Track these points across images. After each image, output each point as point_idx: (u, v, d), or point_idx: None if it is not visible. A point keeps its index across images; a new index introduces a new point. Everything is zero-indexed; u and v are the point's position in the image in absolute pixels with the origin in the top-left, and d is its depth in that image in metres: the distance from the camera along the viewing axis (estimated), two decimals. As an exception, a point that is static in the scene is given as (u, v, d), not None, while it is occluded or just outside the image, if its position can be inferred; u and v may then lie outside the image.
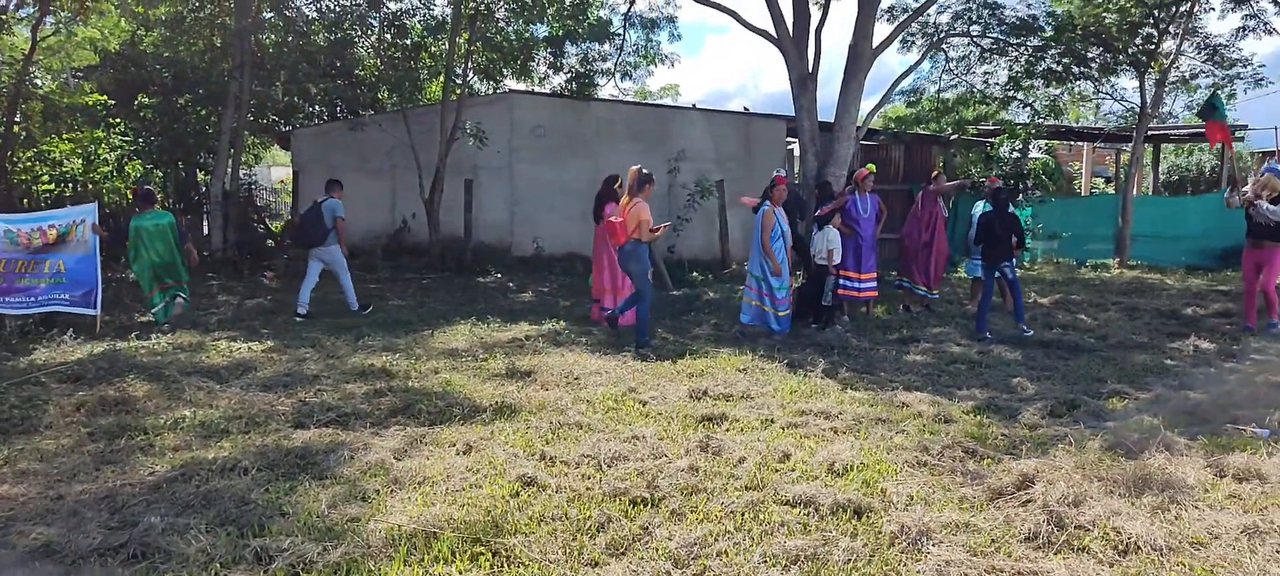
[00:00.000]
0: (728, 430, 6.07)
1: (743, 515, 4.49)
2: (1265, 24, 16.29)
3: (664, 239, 12.59)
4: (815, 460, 5.31)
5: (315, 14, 15.44)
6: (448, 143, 14.85)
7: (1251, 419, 6.14)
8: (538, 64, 16.63)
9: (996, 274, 9.86)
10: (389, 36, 15.57)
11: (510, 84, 17.48)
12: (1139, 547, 4.10)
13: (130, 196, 14.09)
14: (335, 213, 10.86)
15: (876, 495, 4.77)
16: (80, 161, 15.13)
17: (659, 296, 11.95)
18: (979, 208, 11.07)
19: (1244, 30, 16.53)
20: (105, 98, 15.66)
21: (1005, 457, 5.37)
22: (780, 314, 9.53)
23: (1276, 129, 24.46)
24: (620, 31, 16.57)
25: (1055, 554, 4.10)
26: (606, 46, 16.55)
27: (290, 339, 9.28)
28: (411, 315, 10.96)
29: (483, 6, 15.39)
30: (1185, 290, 13.28)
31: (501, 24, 16.02)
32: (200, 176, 17.70)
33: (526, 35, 16.19)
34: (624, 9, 16.58)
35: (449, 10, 15.26)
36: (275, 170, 28.76)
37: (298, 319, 10.55)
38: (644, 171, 9.08)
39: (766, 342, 9.16)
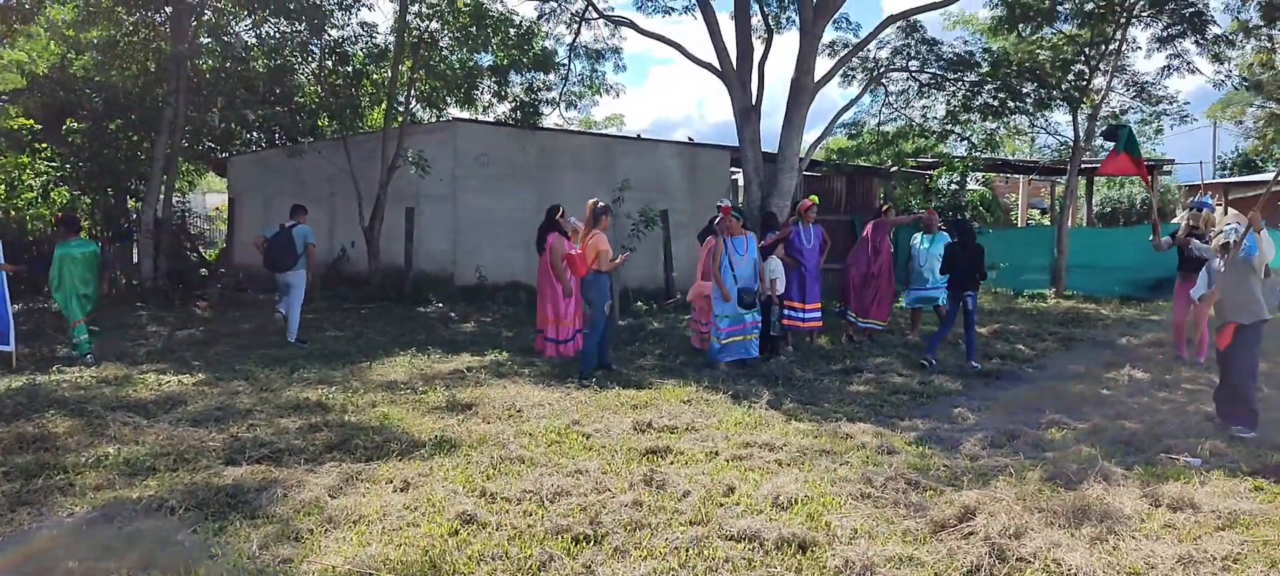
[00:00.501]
0: (672, 463, 6.00)
1: (687, 551, 4.42)
2: (1188, 64, 16.97)
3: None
4: (760, 493, 5.26)
5: (254, 40, 15.15)
6: (389, 170, 14.64)
7: (1184, 448, 6.27)
8: (482, 92, 16.53)
9: (959, 303, 9.96)
10: (330, 63, 15.34)
11: (454, 112, 17.34)
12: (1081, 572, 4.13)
13: (55, 224, 13.59)
14: (306, 238, 10.97)
15: (821, 529, 4.73)
16: (2, 188, 14.54)
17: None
18: (918, 239, 11.22)
19: (1169, 69, 17.21)
20: (31, 122, 15.14)
21: (947, 489, 5.39)
22: (722, 342, 9.48)
23: (1201, 164, 25.41)
24: (565, 62, 16.59)
25: (999, 587, 4.10)
26: (551, 76, 16.55)
27: (222, 371, 8.99)
28: (349, 346, 10.69)
29: (426, 35, 15.27)
30: (1120, 320, 13.62)
31: (445, 52, 15.90)
32: (130, 203, 17.17)
33: (471, 64, 16.09)
34: (569, 40, 16.62)
35: (392, 38, 15.10)
36: (210, 197, 28.09)
37: (301, 345, 10.58)
38: (599, 204, 9.25)
39: (711, 373, 9.12)
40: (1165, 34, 16.56)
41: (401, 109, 15.49)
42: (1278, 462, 5.83)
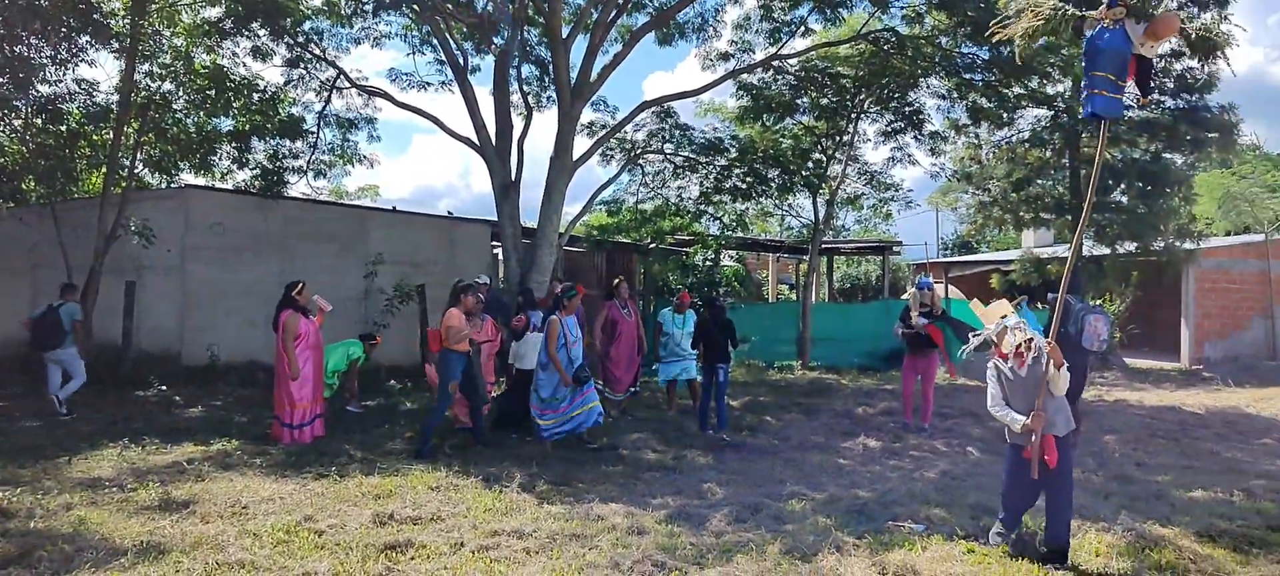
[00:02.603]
0: (413, 558, 5.57)
1: (413, 663, 4.02)
2: (909, 156, 18.86)
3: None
4: (502, 588, 4.95)
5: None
6: (107, 240, 13.12)
7: (908, 515, 6.61)
8: (220, 158, 15.30)
9: (712, 375, 10.23)
10: (40, 121, 13.62)
11: (188, 178, 15.95)
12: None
13: None
14: (73, 316, 11.10)
15: (562, 624, 4.48)
16: None
17: (360, 414, 11.24)
18: (667, 316, 11.45)
19: (893, 160, 19.06)
20: None
21: (692, 568, 5.33)
22: (546, 423, 9.17)
23: (926, 244, 28.22)
24: (314, 129, 15.77)
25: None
26: (299, 143, 15.63)
27: None
28: (46, 438, 9.28)
29: (156, 95, 13.98)
30: (857, 389, 14.55)
31: (180, 115, 14.63)
32: None
33: (208, 128, 14.90)
34: (319, 107, 15.85)
35: (115, 97, 13.66)
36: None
37: (62, 416, 10.53)
38: (460, 282, 9.68)
39: (460, 457, 8.71)
40: (889, 129, 18.33)
41: (124, 174, 14.01)
42: (986, 525, 6.25)
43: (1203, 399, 14.48)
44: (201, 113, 14.70)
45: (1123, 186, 19.88)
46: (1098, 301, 18.86)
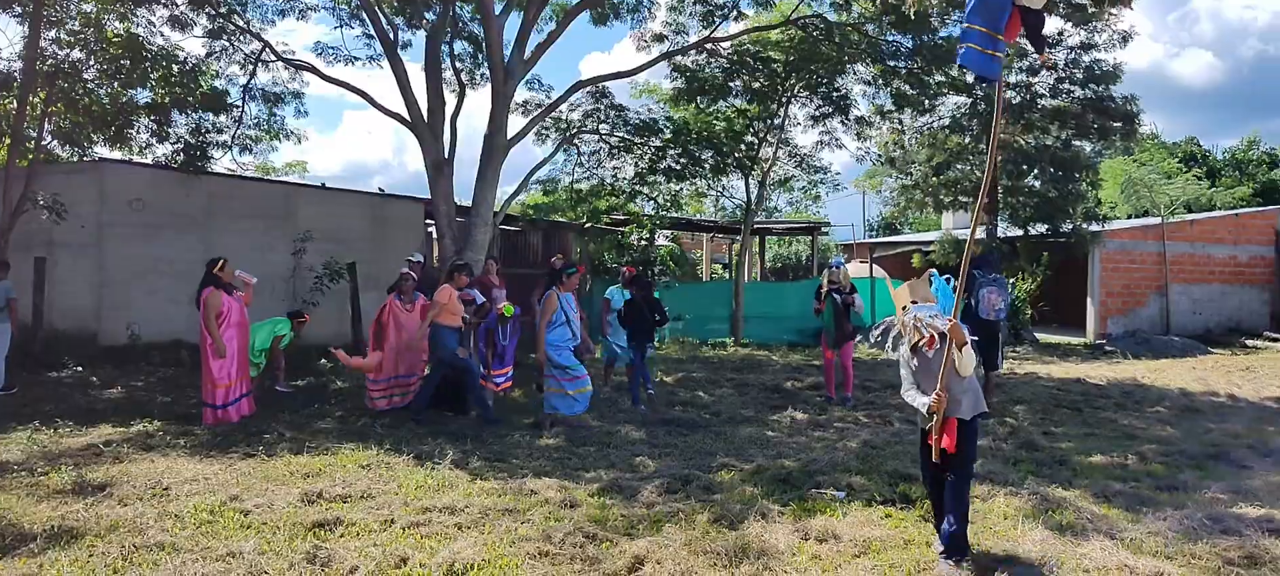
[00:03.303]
0: (342, 536, 5.57)
1: (347, 634, 4.07)
2: (836, 140, 19.29)
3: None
4: (435, 562, 5.01)
5: None
6: (13, 215, 12.62)
7: (831, 483, 6.86)
8: (138, 131, 14.79)
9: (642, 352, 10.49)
10: (-64, 91, 13.00)
11: (102, 151, 15.40)
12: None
13: None
14: (9, 294, 11.02)
15: (495, 593, 4.58)
16: None
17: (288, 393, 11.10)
18: (614, 292, 11.56)
19: (822, 143, 19.47)
20: None
21: (623, 539, 5.46)
22: (571, 392, 9.16)
23: (852, 225, 28.82)
24: (239, 103, 15.37)
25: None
26: (223, 118, 15.21)
27: None
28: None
29: (65, 64, 13.44)
30: (787, 365, 14.89)
31: (91, 85, 14.09)
32: None
33: (124, 99, 14.39)
34: (243, 81, 15.44)
35: (19, 65, 13.09)
36: None
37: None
38: (458, 261, 10.00)
39: (392, 434, 8.70)
40: (818, 113, 18.70)
41: (31, 146, 13.47)
42: (903, 492, 6.53)
43: (1105, 371, 15.21)
44: (116, 83, 14.18)
45: (1035, 172, 20.69)
46: (1011, 280, 19.60)
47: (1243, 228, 23.22)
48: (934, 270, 5.90)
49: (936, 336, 5.11)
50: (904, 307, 5.28)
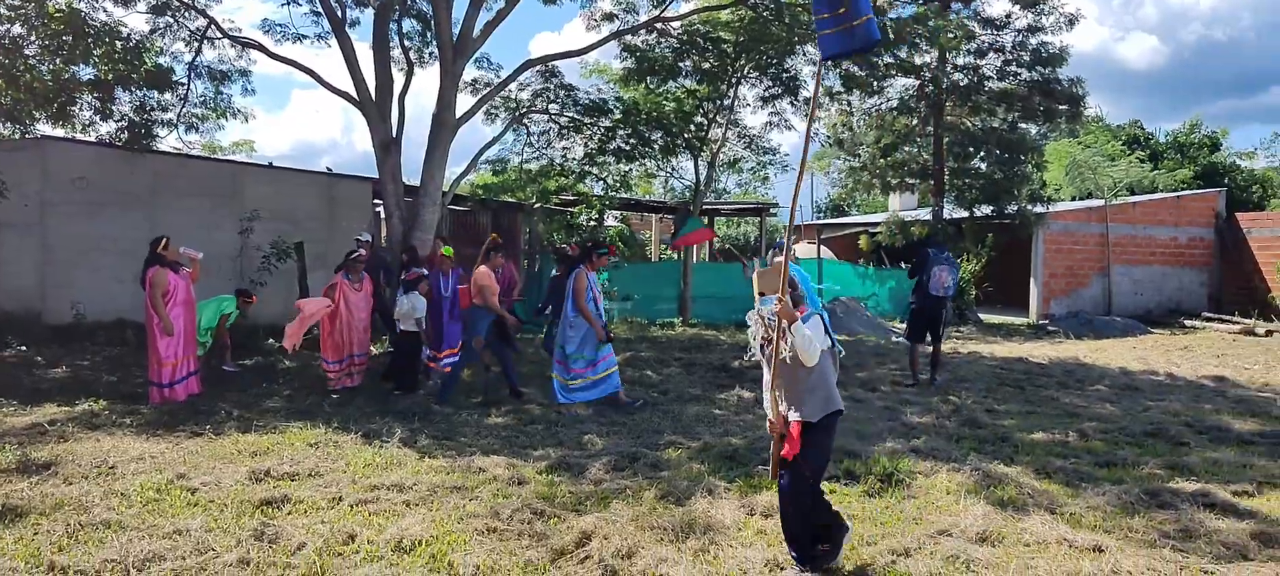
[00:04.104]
0: (289, 513, 5.61)
1: (295, 608, 4.13)
2: (785, 121, 19.49)
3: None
4: (383, 538, 5.08)
5: None
6: (-46, 193, 12.33)
7: (775, 458, 7.02)
8: (81, 109, 14.44)
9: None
10: None
11: (45, 129, 15.02)
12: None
13: None
14: None
15: (443, 569, 4.67)
16: None
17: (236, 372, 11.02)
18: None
19: (771, 124, 19.66)
20: None
21: (570, 515, 5.57)
22: (572, 383, 9.28)
23: (801, 207, 29.09)
24: (184, 81, 15.06)
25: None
26: (169, 96, 14.91)
27: None
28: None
29: (5, 39, 13.08)
30: (734, 344, 15.05)
31: (33, 61, 13.72)
32: None
33: (67, 75, 14.03)
34: (189, 58, 15.14)
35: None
36: None
37: None
38: (496, 239, 9.97)
39: (341, 413, 8.70)
40: (767, 94, 18.86)
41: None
42: (847, 468, 6.73)
43: (1047, 351, 15.66)
44: (58, 60, 13.82)
45: (982, 154, 21.11)
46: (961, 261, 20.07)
47: (1183, 210, 23.84)
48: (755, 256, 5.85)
49: (774, 332, 4.60)
50: (762, 294, 4.75)
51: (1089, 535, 5.26)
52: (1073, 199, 26.94)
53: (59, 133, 15.10)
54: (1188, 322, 21.25)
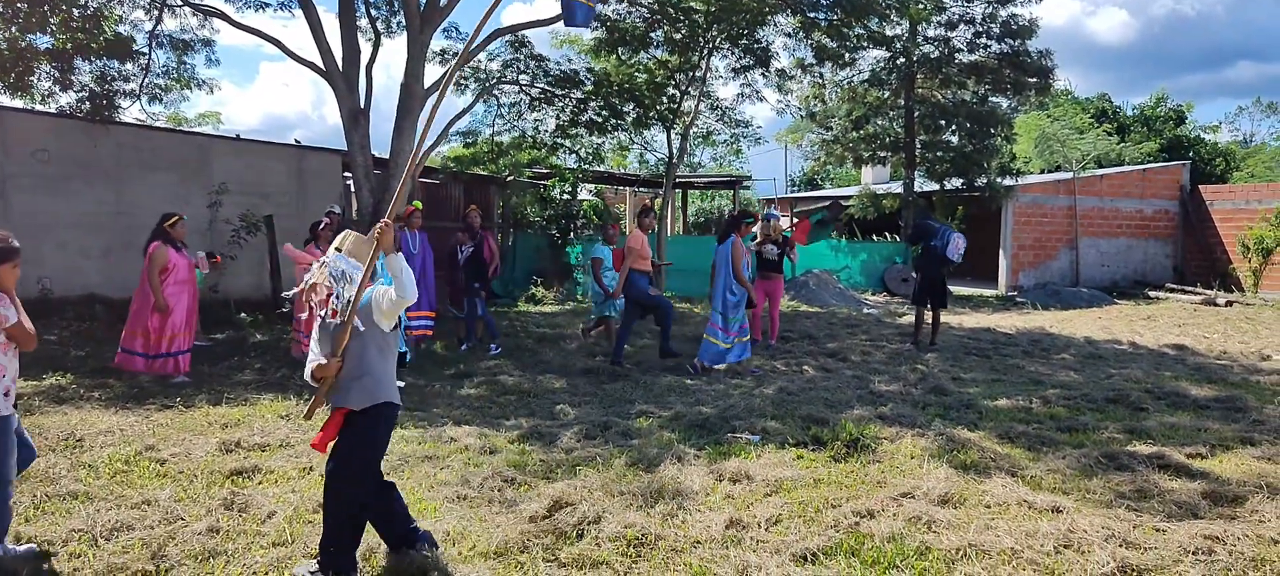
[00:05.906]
0: (260, 483, 5.62)
1: (264, 574, 4.15)
2: (758, 93, 19.50)
3: (212, 277, 11.56)
4: (353, 506, 5.10)
5: None
6: (-91, 166, 12.08)
7: (746, 426, 7.13)
8: (39, 79, 14.14)
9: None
10: None
11: (2, 100, 14.71)
12: (651, 546, 4.53)
13: None
14: None
15: (413, 534, 4.69)
16: None
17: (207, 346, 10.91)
18: (602, 249, 11.61)
19: (743, 97, 19.67)
20: None
21: (541, 482, 5.63)
22: (726, 346, 9.83)
23: (774, 179, 29.18)
24: (146, 51, 14.78)
25: (578, 570, 4.34)
26: (129, 66, 14.63)
27: None
28: None
29: (-40, 7, 12.80)
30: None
31: (-12, 29, 13.42)
32: None
33: (23, 44, 13.74)
34: (149, 27, 14.85)
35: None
36: None
37: None
38: (646, 203, 10.71)
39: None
40: (740, 65, 18.83)
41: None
42: (815, 435, 6.83)
43: (1015, 321, 15.90)
44: (14, 28, 13.53)
45: (952, 127, 21.26)
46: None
47: (1149, 183, 24.20)
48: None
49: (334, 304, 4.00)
50: (323, 264, 4.05)
51: (1048, 496, 5.39)
52: (1042, 172, 27.21)
53: (17, 104, 14.80)
54: (1152, 294, 21.63)
